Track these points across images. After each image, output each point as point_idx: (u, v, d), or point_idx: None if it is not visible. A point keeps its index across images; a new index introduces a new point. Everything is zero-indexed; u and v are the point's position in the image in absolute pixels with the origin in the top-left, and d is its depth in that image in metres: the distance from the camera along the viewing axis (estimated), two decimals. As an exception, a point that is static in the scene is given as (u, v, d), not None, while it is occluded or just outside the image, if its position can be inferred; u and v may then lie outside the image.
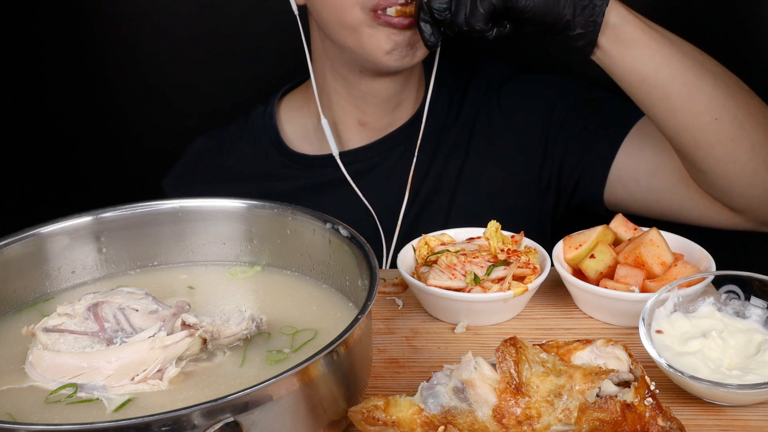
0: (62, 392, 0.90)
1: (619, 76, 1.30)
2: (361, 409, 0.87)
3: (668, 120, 1.30)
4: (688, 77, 1.27)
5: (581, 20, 1.22)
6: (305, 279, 1.11)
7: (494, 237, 1.19)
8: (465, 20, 1.21)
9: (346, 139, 1.60)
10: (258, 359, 0.96)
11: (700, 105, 1.27)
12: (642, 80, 1.28)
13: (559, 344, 0.92)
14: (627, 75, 1.28)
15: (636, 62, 1.26)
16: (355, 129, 1.58)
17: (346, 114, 1.57)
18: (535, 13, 1.20)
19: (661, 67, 1.26)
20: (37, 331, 0.96)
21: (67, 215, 1.10)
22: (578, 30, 1.23)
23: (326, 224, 1.06)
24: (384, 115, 1.57)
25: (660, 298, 1.03)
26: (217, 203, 1.13)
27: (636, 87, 1.29)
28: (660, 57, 1.26)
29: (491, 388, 0.86)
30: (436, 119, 1.59)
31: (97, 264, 1.12)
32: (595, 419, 0.84)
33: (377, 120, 1.57)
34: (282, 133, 1.63)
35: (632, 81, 1.29)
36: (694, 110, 1.27)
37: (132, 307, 0.97)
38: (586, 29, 1.23)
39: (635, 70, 1.27)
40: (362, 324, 0.88)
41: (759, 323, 1.03)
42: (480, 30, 1.22)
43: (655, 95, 1.28)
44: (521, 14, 1.21)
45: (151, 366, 0.92)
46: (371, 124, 1.58)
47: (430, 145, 1.58)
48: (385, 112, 1.57)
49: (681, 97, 1.27)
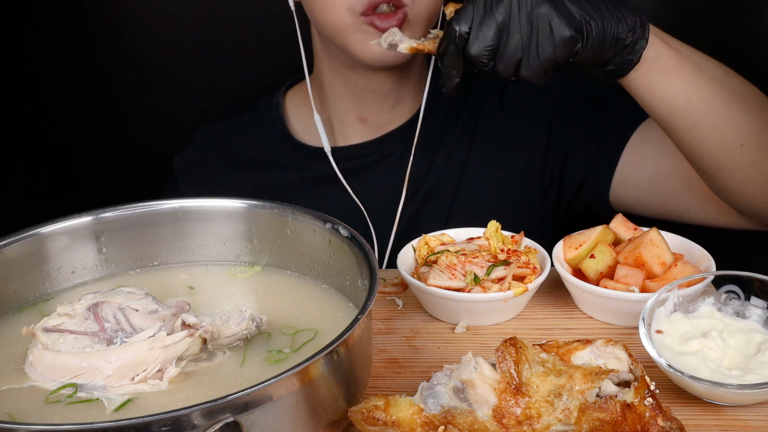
0: (62, 392, 0.90)
1: (648, 105, 1.25)
2: (361, 409, 0.87)
3: (693, 146, 1.26)
4: (717, 106, 1.23)
5: (619, 59, 1.17)
6: (305, 279, 1.11)
7: (494, 237, 1.19)
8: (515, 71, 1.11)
9: (346, 135, 1.60)
10: (258, 359, 0.96)
11: (727, 133, 1.24)
12: (672, 110, 1.24)
13: (559, 344, 0.92)
14: (657, 105, 1.24)
15: (668, 94, 1.22)
16: (355, 125, 1.59)
17: (346, 110, 1.57)
18: (586, 62, 1.15)
19: (692, 98, 1.23)
20: (37, 331, 0.96)
21: (67, 215, 1.10)
22: (611, 66, 1.18)
23: (326, 224, 1.06)
24: (383, 111, 1.57)
25: (660, 298, 1.03)
26: (217, 203, 1.13)
27: (664, 116, 1.25)
28: (692, 88, 1.22)
29: (491, 388, 0.86)
30: (438, 118, 1.59)
31: (97, 264, 1.12)
32: (595, 419, 0.84)
33: (377, 116, 1.57)
34: (288, 123, 1.63)
35: (662, 110, 1.25)
36: (720, 138, 1.24)
37: (132, 307, 0.97)
38: (620, 66, 1.18)
39: (666, 101, 1.23)
40: (362, 324, 0.88)
41: (759, 323, 1.03)
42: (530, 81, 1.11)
43: (682, 125, 1.25)
44: (574, 65, 1.14)
45: (151, 366, 0.92)
46: (371, 120, 1.58)
47: (431, 143, 1.58)
48: (384, 108, 1.56)
49: (709, 126, 1.24)
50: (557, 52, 1.10)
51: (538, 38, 1.09)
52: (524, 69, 1.11)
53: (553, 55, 1.10)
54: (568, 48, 1.10)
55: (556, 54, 1.10)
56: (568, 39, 1.09)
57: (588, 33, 1.11)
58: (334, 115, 1.59)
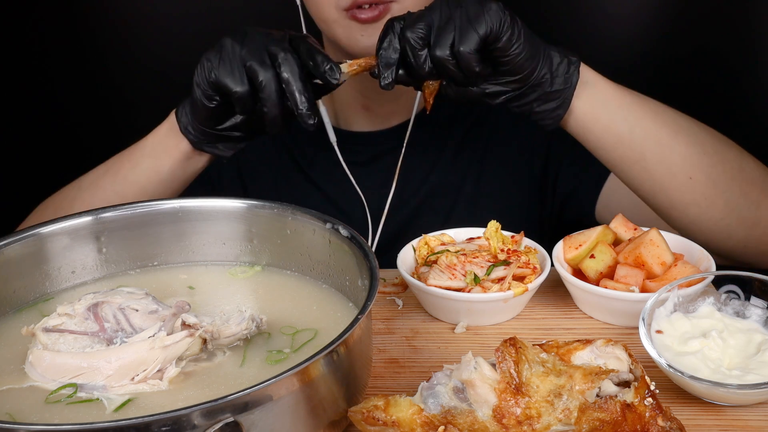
0: (62, 392, 0.90)
1: (593, 139, 1.27)
2: (361, 409, 0.87)
3: (644, 182, 1.28)
4: (662, 136, 1.26)
5: (559, 79, 1.20)
6: (305, 279, 1.11)
7: (494, 237, 1.19)
8: (450, 51, 1.14)
9: (351, 122, 1.61)
10: (258, 359, 0.96)
11: (674, 165, 1.26)
12: (618, 141, 1.26)
13: (559, 344, 0.92)
14: (602, 135, 1.26)
15: (611, 122, 1.25)
16: (360, 112, 1.59)
17: (350, 98, 1.58)
18: (517, 57, 1.16)
19: (635, 127, 1.25)
20: (37, 331, 0.96)
21: (67, 215, 1.10)
22: (555, 87, 1.21)
23: (326, 224, 1.06)
24: (385, 101, 1.57)
25: (660, 298, 1.03)
26: (217, 203, 1.13)
27: (611, 149, 1.27)
28: (634, 116, 1.25)
29: (491, 388, 0.86)
30: (444, 114, 1.59)
31: (97, 264, 1.12)
32: (595, 419, 0.84)
33: (380, 105, 1.58)
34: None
35: (608, 142, 1.27)
36: (668, 170, 1.26)
37: (132, 307, 0.97)
38: (563, 86, 1.21)
39: (610, 129, 1.25)
40: (362, 324, 0.88)
41: (759, 323, 1.03)
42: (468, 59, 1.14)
43: (630, 156, 1.27)
44: (507, 50, 1.16)
45: (151, 366, 0.92)
46: (375, 109, 1.58)
47: (437, 140, 1.58)
48: (385, 98, 1.56)
49: (655, 157, 1.26)
50: (489, 21, 1.12)
51: (467, 10, 1.13)
52: (459, 42, 1.13)
53: (485, 27, 1.12)
54: (497, 18, 1.13)
55: (488, 24, 1.12)
56: (496, 6, 1.13)
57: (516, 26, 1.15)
58: (338, 102, 1.60)
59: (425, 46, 1.15)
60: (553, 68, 1.20)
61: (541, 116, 1.24)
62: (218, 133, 1.28)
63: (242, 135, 1.29)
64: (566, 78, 1.21)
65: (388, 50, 1.16)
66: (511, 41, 1.15)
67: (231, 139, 1.29)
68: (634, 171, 1.28)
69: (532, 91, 1.21)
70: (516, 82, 1.19)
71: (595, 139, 1.27)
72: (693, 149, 1.27)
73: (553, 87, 1.21)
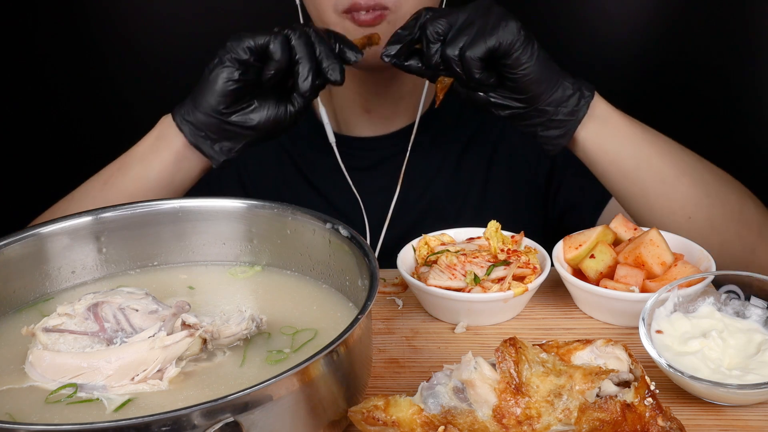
0: (62, 392, 0.90)
1: (599, 169, 1.31)
2: (361, 409, 0.87)
3: (643, 214, 1.31)
4: (666, 175, 1.29)
5: (565, 109, 1.24)
6: (305, 279, 1.11)
7: (494, 237, 1.19)
8: (459, 52, 1.18)
9: (352, 124, 1.60)
10: (258, 359, 0.96)
11: (675, 203, 1.29)
12: (622, 175, 1.29)
13: (559, 344, 0.92)
14: (608, 168, 1.30)
15: (617, 156, 1.28)
16: (361, 116, 1.59)
17: (351, 101, 1.58)
18: (524, 77, 1.20)
19: (641, 163, 1.28)
20: (37, 331, 0.96)
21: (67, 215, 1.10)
22: (560, 116, 1.24)
23: (326, 224, 1.06)
24: (386, 104, 1.57)
25: (660, 298, 1.03)
26: (217, 203, 1.13)
27: (615, 181, 1.31)
28: (641, 152, 1.28)
29: (491, 388, 0.86)
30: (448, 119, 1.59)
31: (97, 264, 1.12)
32: (595, 419, 0.84)
33: (381, 108, 1.58)
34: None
35: (612, 174, 1.30)
36: (669, 208, 1.29)
37: (132, 307, 0.97)
38: (567, 117, 1.24)
39: (616, 163, 1.29)
40: (362, 324, 0.88)
41: (759, 323, 1.03)
42: (470, 64, 1.18)
43: (633, 191, 1.30)
44: (514, 68, 1.19)
45: (151, 366, 0.92)
46: (375, 111, 1.58)
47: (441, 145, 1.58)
48: (386, 101, 1.57)
49: (658, 194, 1.29)
50: (501, 36, 1.17)
51: (487, 21, 1.18)
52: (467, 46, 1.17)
53: (496, 40, 1.17)
54: (510, 35, 1.17)
55: (499, 38, 1.17)
56: (515, 26, 1.18)
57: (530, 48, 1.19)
58: (340, 107, 1.60)
59: (439, 41, 1.20)
60: (562, 98, 1.23)
61: (544, 141, 1.28)
62: (227, 123, 1.25)
63: (253, 125, 1.26)
64: (573, 110, 1.24)
65: (405, 29, 1.22)
66: (520, 60, 1.19)
67: (237, 135, 1.27)
68: (636, 203, 1.32)
69: (537, 114, 1.25)
70: (521, 101, 1.23)
71: (600, 169, 1.31)
72: (695, 190, 1.30)
73: (557, 116, 1.24)
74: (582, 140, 1.28)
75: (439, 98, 1.29)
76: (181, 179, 1.32)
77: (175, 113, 1.29)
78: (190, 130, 1.27)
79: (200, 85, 1.26)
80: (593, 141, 1.28)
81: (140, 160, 1.32)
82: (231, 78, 1.22)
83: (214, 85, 1.23)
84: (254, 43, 1.21)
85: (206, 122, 1.26)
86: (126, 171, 1.33)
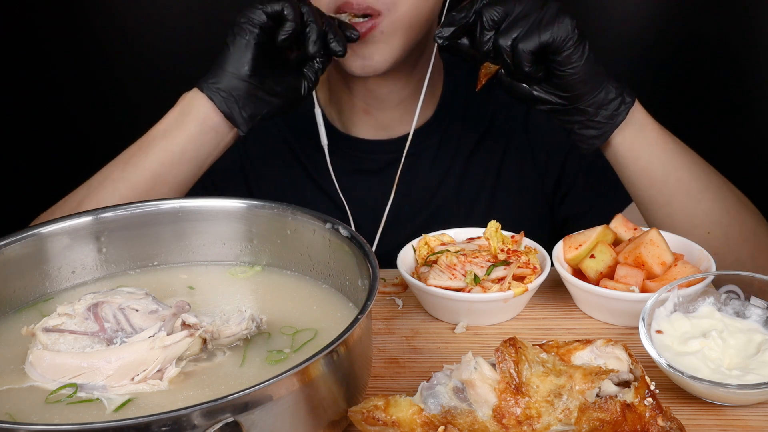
0: (62, 392, 0.90)
1: (628, 174, 1.32)
2: (361, 409, 0.87)
3: (663, 224, 1.32)
4: (692, 188, 1.30)
5: (605, 112, 1.25)
6: (305, 279, 1.11)
7: (494, 237, 1.19)
8: (511, 43, 1.19)
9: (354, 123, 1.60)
10: (258, 359, 0.96)
11: (696, 217, 1.31)
12: (650, 183, 1.31)
13: (559, 344, 0.92)
14: (638, 174, 1.31)
15: (648, 164, 1.30)
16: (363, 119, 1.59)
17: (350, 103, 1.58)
18: (571, 75, 1.21)
19: (671, 174, 1.30)
20: (37, 331, 0.96)
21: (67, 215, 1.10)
22: (599, 118, 1.25)
23: (326, 224, 1.06)
24: (386, 108, 1.57)
25: (660, 298, 1.03)
26: (217, 203, 1.13)
27: (642, 188, 1.32)
28: (672, 164, 1.30)
29: (491, 388, 0.86)
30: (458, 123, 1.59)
31: (97, 264, 1.12)
32: (595, 419, 0.84)
33: (380, 111, 1.57)
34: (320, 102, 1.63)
35: (641, 181, 1.32)
36: (690, 221, 1.31)
37: (132, 307, 0.97)
38: (606, 120, 1.26)
39: (646, 171, 1.30)
40: (362, 324, 0.88)
41: (759, 323, 1.03)
42: (522, 57, 1.19)
43: (658, 200, 1.32)
44: (563, 66, 1.20)
45: (151, 366, 0.92)
46: (375, 115, 1.58)
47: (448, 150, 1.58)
48: (386, 105, 1.56)
49: (682, 206, 1.31)
50: (555, 32, 1.17)
51: (543, 15, 1.18)
52: (521, 38, 1.18)
53: (549, 36, 1.17)
54: (564, 32, 1.18)
55: (554, 34, 1.17)
56: (570, 23, 1.18)
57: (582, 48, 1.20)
58: (340, 107, 1.60)
59: (494, 29, 1.21)
60: (604, 100, 1.25)
61: (579, 138, 1.29)
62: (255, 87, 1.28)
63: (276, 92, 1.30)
64: (613, 114, 1.26)
65: (460, 13, 1.23)
66: (570, 58, 1.20)
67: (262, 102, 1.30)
68: (658, 212, 1.33)
69: (577, 112, 1.26)
70: (563, 98, 1.24)
71: (629, 175, 1.32)
72: (717, 206, 1.32)
73: (596, 117, 1.25)
74: (616, 144, 1.29)
75: (481, 83, 1.29)
76: (206, 153, 1.33)
77: (202, 85, 1.30)
78: (220, 97, 1.29)
79: (224, 55, 1.28)
80: (627, 146, 1.29)
81: (163, 137, 1.32)
82: (253, 41, 1.26)
83: (240, 50, 1.27)
84: (270, 9, 1.25)
85: (236, 87, 1.28)
86: (148, 149, 1.32)
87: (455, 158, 1.60)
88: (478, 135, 1.61)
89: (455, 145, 1.60)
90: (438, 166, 1.60)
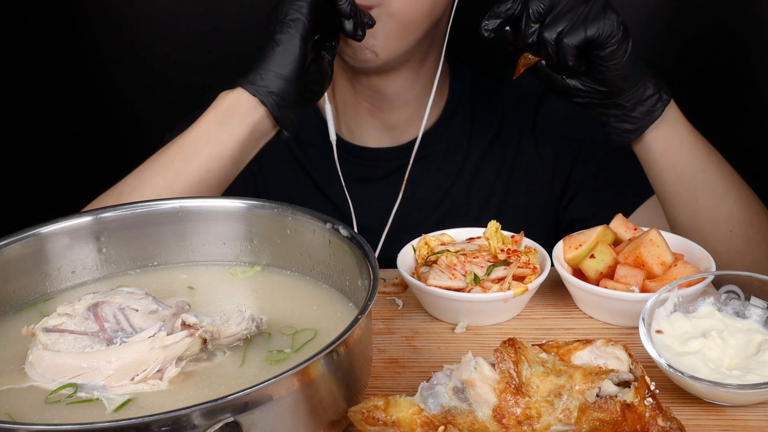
0: (62, 392, 0.90)
1: (657, 170, 1.33)
2: (361, 409, 0.87)
3: (687, 221, 1.33)
4: (718, 187, 1.31)
5: (642, 108, 1.25)
6: (305, 279, 1.11)
7: (494, 237, 1.19)
8: (556, 37, 1.18)
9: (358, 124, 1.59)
10: (258, 359, 0.96)
11: (720, 215, 1.32)
12: (678, 180, 1.31)
13: (559, 344, 0.92)
14: (667, 170, 1.32)
15: (678, 161, 1.30)
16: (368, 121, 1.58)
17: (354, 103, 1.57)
18: (612, 71, 1.21)
19: (699, 172, 1.30)
20: (37, 331, 0.96)
21: (67, 215, 1.10)
22: (635, 113, 1.26)
23: (326, 224, 1.06)
24: (392, 109, 1.56)
25: (660, 298, 1.03)
26: (217, 203, 1.13)
27: (670, 184, 1.33)
28: (700, 162, 1.30)
29: (491, 388, 0.86)
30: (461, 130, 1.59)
31: (97, 264, 1.12)
32: (595, 419, 0.84)
33: (386, 113, 1.57)
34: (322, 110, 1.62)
35: (669, 177, 1.32)
36: (714, 219, 1.32)
37: (132, 307, 0.97)
38: (642, 116, 1.26)
39: (676, 168, 1.31)
40: (362, 324, 0.88)
41: (759, 323, 1.03)
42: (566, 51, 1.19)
43: (684, 196, 1.32)
44: (606, 61, 1.21)
45: (151, 366, 0.92)
46: (380, 117, 1.57)
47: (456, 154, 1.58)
48: (391, 106, 1.56)
49: (707, 204, 1.31)
50: (601, 28, 1.17)
51: (589, 9, 1.18)
52: (566, 33, 1.18)
53: (595, 31, 1.17)
54: (609, 28, 1.18)
55: (599, 29, 1.17)
56: (615, 19, 1.18)
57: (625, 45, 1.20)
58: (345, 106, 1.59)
59: (539, 21, 1.20)
60: (642, 97, 1.25)
61: (614, 131, 1.29)
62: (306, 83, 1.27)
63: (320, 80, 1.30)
64: (650, 110, 1.26)
65: (506, 5, 1.21)
66: (613, 55, 1.20)
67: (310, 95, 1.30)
68: (683, 209, 1.33)
69: (614, 107, 1.26)
70: (602, 93, 1.25)
71: (658, 170, 1.33)
72: (740, 206, 1.33)
73: (633, 112, 1.26)
74: (649, 139, 1.30)
75: (520, 72, 1.28)
76: (251, 154, 1.31)
77: (248, 87, 1.25)
78: (272, 101, 1.24)
79: (271, 52, 1.23)
80: (659, 142, 1.30)
81: (208, 142, 1.26)
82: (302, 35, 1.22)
83: (289, 47, 1.22)
84: None
85: (286, 89, 1.24)
86: (192, 157, 1.26)
87: (465, 161, 1.59)
88: (488, 138, 1.60)
89: (464, 148, 1.59)
90: (447, 170, 1.59)
